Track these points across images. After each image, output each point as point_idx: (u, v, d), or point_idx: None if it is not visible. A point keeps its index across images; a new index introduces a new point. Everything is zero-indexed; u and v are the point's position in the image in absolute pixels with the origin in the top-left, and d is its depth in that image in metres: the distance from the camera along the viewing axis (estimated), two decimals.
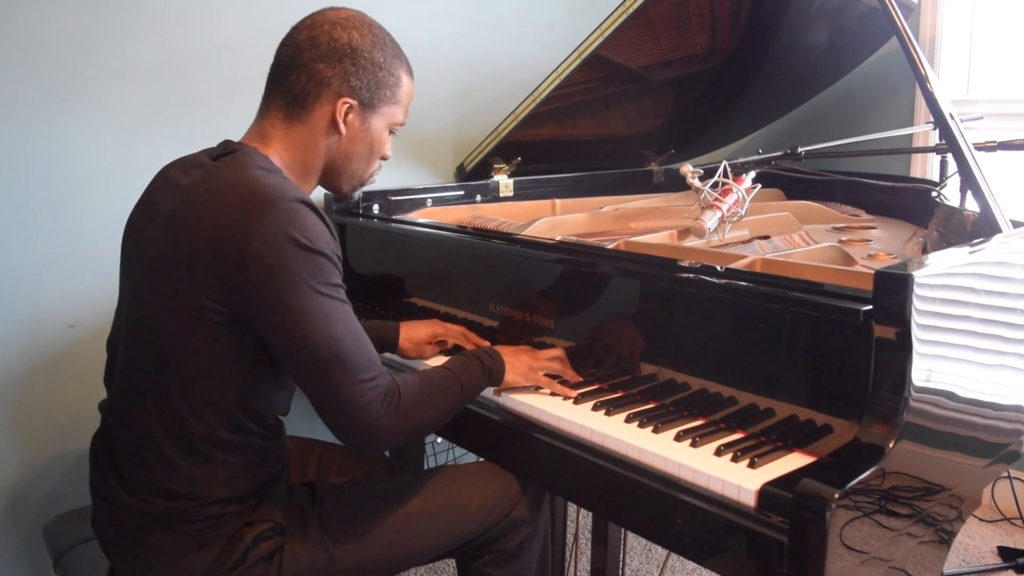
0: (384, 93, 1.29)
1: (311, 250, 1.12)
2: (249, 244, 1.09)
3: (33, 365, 1.87)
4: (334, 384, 1.14)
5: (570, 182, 2.45)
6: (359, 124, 1.28)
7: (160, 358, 1.16)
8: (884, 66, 2.69)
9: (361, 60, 1.25)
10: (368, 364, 1.17)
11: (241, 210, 1.12)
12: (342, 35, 1.24)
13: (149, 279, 1.19)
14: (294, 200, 1.13)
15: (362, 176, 1.35)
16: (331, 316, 1.13)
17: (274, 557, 1.22)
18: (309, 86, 1.24)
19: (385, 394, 1.18)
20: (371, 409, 1.15)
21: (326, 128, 1.26)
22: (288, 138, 1.27)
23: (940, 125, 1.46)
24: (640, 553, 2.37)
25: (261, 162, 1.22)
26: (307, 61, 1.23)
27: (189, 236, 1.14)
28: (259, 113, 1.30)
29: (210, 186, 1.17)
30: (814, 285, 1.20)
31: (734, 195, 1.70)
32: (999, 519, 2.56)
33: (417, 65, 1.40)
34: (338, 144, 1.29)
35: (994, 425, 1.25)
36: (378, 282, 2.01)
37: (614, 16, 1.91)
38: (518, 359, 1.42)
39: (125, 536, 1.22)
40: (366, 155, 1.32)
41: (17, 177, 1.80)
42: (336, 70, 1.24)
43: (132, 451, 1.21)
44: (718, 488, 1.08)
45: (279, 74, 1.27)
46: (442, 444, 2.53)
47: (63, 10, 1.81)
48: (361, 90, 1.26)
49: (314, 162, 1.29)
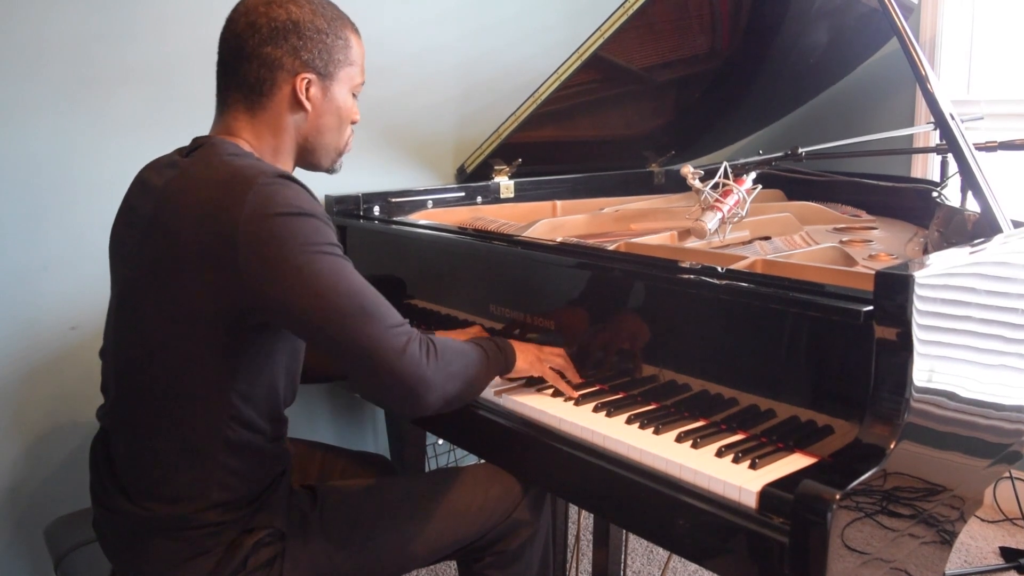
0: (337, 58, 1.27)
1: (297, 215, 1.09)
2: (234, 231, 1.07)
3: (34, 367, 1.87)
4: (367, 337, 1.09)
5: (571, 183, 2.45)
6: (322, 96, 1.27)
7: (153, 360, 1.15)
8: (885, 67, 2.69)
9: (306, 32, 1.23)
10: (391, 312, 1.14)
11: (220, 198, 1.10)
12: (280, 12, 1.22)
13: (137, 284, 1.18)
14: (272, 175, 1.12)
15: (338, 146, 1.33)
16: (340, 272, 1.11)
17: (274, 563, 1.21)
18: (262, 72, 1.22)
19: (420, 340, 1.14)
20: (413, 356, 1.11)
21: (290, 108, 1.25)
22: (254, 127, 1.25)
23: (940, 125, 1.46)
24: (641, 555, 2.36)
25: (231, 148, 1.20)
26: (253, 48, 1.21)
27: (172, 236, 1.12)
28: (218, 108, 1.28)
29: (184, 183, 1.15)
30: (815, 286, 1.20)
31: (735, 196, 1.70)
32: (1001, 519, 2.56)
33: (418, 67, 1.40)
34: (305, 121, 1.27)
35: (996, 425, 1.25)
36: (379, 284, 1.99)
37: (614, 17, 1.91)
38: (526, 347, 1.41)
39: (126, 542, 1.22)
40: (336, 125, 1.31)
41: (18, 179, 1.80)
42: (284, 49, 1.22)
43: (131, 456, 1.21)
44: (719, 489, 1.08)
45: (229, 67, 1.24)
46: (443, 446, 2.53)
47: (64, 12, 1.81)
48: (315, 62, 1.24)
49: (286, 144, 1.27)
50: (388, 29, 2.31)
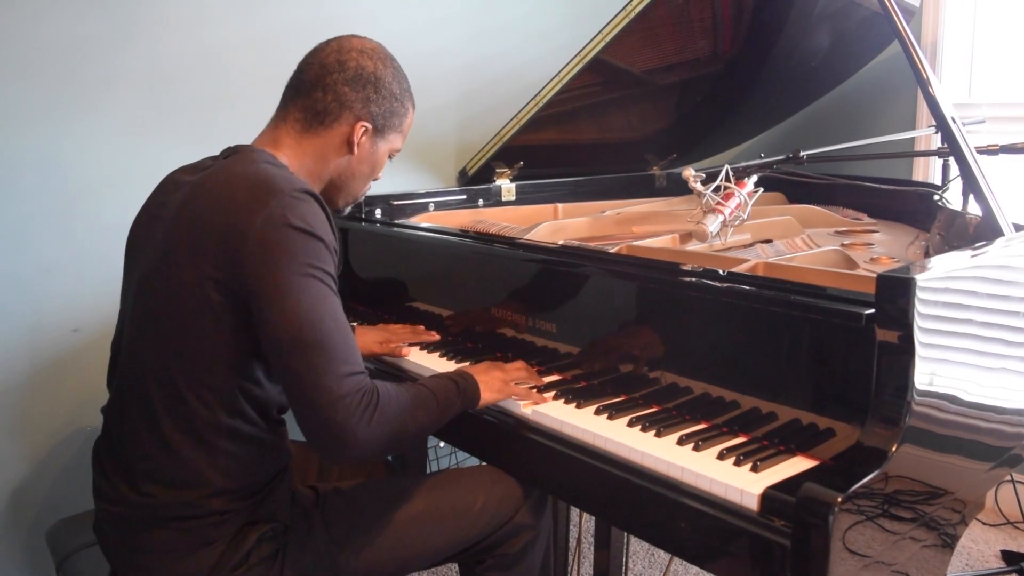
0: (394, 122, 1.39)
1: (309, 234, 1.15)
2: (251, 225, 1.14)
3: (36, 370, 1.87)
4: (314, 368, 1.10)
5: (572, 186, 2.45)
6: (369, 146, 1.37)
7: (164, 341, 1.19)
8: (886, 70, 2.69)
9: (383, 90, 1.35)
10: (350, 357, 1.14)
11: (246, 197, 1.17)
12: (368, 64, 1.34)
13: (158, 267, 1.22)
14: (300, 190, 1.19)
15: (357, 193, 1.44)
16: (320, 301, 1.13)
17: (276, 558, 1.22)
18: (332, 105, 1.32)
19: (364, 394, 1.13)
20: (347, 404, 1.11)
21: (340, 145, 1.34)
22: (300, 147, 1.33)
23: (942, 129, 1.46)
24: (643, 557, 2.36)
25: (267, 157, 1.28)
26: (334, 83, 1.32)
27: (198, 222, 1.18)
28: (275, 120, 1.36)
29: (220, 177, 1.22)
30: (816, 289, 1.20)
31: (736, 199, 1.71)
32: (1002, 523, 2.56)
33: (420, 69, 1.43)
34: (348, 162, 1.37)
35: (997, 429, 1.25)
36: (381, 286, 2.01)
37: (616, 21, 1.91)
38: (490, 376, 1.39)
39: (127, 537, 1.23)
40: (367, 175, 1.41)
41: (19, 182, 1.81)
42: (360, 95, 1.33)
43: (135, 440, 1.22)
44: (721, 492, 1.08)
45: (302, 89, 1.33)
46: (444, 448, 2.53)
47: (62, 16, 1.82)
48: (377, 116, 1.35)
49: (321, 173, 1.36)
50: (390, 32, 2.30)
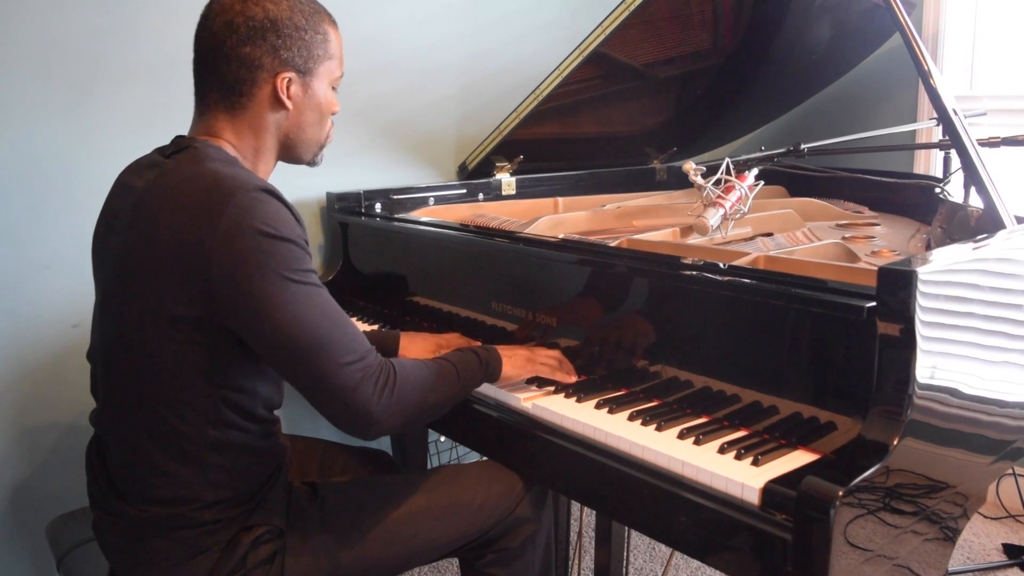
0: (317, 54, 1.25)
1: (276, 237, 1.08)
2: (211, 239, 1.06)
3: (36, 365, 1.87)
4: (320, 371, 1.10)
5: (572, 180, 2.45)
6: (303, 93, 1.25)
7: (136, 365, 1.15)
8: (887, 62, 2.68)
9: (284, 30, 1.20)
10: (352, 345, 1.13)
11: (200, 205, 1.08)
12: (256, 10, 1.19)
13: (116, 287, 1.17)
14: (255, 189, 1.10)
15: (320, 140, 1.32)
16: (306, 303, 1.10)
17: (274, 560, 1.21)
18: (242, 73, 1.20)
19: (378, 375, 1.14)
20: (363, 391, 1.12)
21: (271, 107, 1.23)
22: (235, 127, 1.23)
23: (943, 121, 1.46)
24: (644, 551, 2.36)
25: (215, 153, 1.18)
26: (231, 48, 1.19)
27: (150, 239, 1.11)
28: (197, 108, 1.26)
29: (164, 186, 1.14)
30: (817, 282, 1.19)
31: (737, 192, 1.70)
32: (1004, 516, 2.56)
33: (419, 64, 1.40)
34: (287, 119, 1.26)
35: (999, 422, 1.25)
36: (381, 281, 2.01)
37: (616, 13, 1.90)
38: (515, 352, 1.41)
39: (125, 544, 1.22)
40: (317, 120, 1.29)
41: (21, 177, 1.80)
42: (263, 48, 1.20)
43: (123, 461, 1.20)
44: (721, 486, 1.08)
45: (206, 67, 1.22)
46: (445, 443, 2.53)
47: (67, 12, 1.81)
48: (294, 60, 1.22)
49: (267, 143, 1.26)
50: (390, 26, 2.31)
